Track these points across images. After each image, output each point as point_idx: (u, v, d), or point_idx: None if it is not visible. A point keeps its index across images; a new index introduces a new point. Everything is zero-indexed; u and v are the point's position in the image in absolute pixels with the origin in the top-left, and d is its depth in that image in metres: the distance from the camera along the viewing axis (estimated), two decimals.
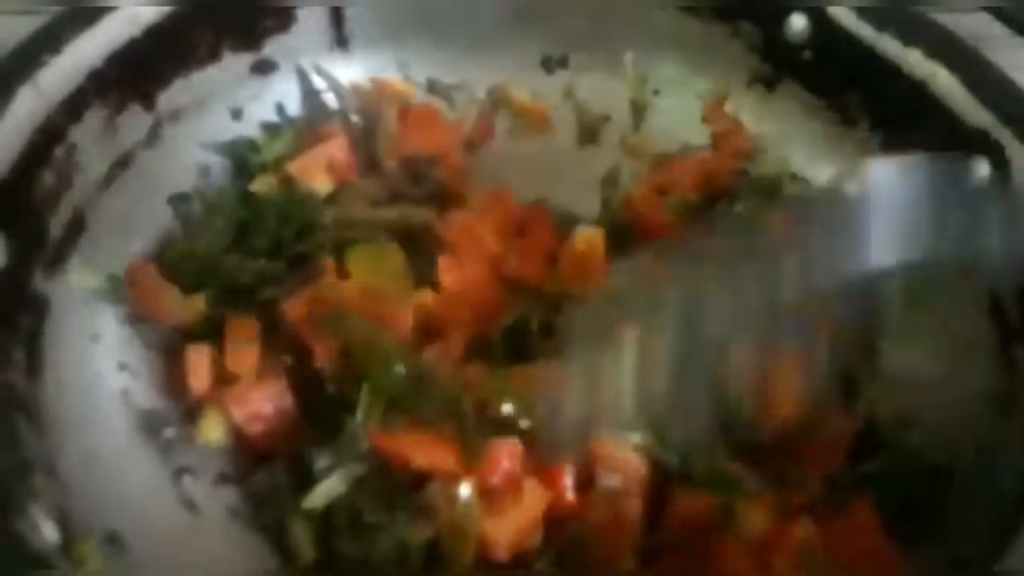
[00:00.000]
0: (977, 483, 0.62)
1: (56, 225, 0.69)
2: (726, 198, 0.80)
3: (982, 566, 0.52)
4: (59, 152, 0.69)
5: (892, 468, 0.65)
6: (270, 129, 0.84)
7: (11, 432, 0.59)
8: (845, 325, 0.67)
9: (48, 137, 0.68)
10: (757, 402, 0.56)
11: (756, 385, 0.55)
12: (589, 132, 0.90)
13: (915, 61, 0.74)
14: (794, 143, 0.85)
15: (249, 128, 0.84)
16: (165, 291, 0.71)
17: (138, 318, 0.72)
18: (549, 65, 0.91)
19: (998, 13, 0.71)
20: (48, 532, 0.54)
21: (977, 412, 0.64)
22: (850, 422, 0.66)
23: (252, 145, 0.82)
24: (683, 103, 0.89)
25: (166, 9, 0.75)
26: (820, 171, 0.82)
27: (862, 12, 0.77)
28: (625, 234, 0.78)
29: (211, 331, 0.70)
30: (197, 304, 0.71)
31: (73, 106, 0.70)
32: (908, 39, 0.74)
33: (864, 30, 0.77)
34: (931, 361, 0.66)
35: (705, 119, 0.88)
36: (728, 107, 0.88)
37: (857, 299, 0.54)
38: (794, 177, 0.82)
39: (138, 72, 0.75)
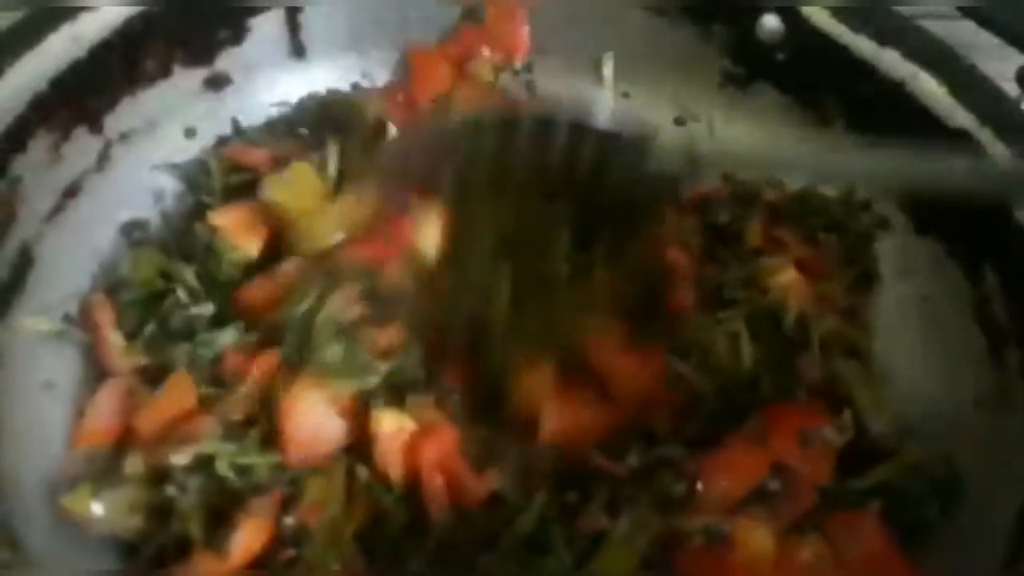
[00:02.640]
0: (979, 488, 0.61)
1: (2, 266, 0.64)
2: (706, 207, 0.78)
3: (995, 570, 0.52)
4: (3, 186, 0.64)
5: (894, 478, 0.64)
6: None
7: None
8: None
9: None
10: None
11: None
12: None
13: (892, 62, 0.73)
14: (768, 143, 0.84)
15: (204, 147, 0.79)
16: (111, 332, 0.67)
17: (93, 361, 0.67)
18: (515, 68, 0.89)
19: (975, 15, 0.70)
20: None
21: (971, 417, 0.64)
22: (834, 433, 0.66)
23: (204, 167, 0.77)
24: (654, 106, 0.87)
25: (113, 24, 0.70)
26: (795, 174, 0.82)
27: (837, 12, 0.75)
28: None
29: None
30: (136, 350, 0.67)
31: (15, 136, 0.65)
32: (884, 40, 0.73)
33: (839, 30, 0.75)
34: (923, 368, 0.66)
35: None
36: (700, 108, 0.86)
37: None
38: (769, 182, 0.81)
39: (84, 94, 0.70)
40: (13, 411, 0.63)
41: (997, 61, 0.70)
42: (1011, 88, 0.70)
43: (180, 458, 0.58)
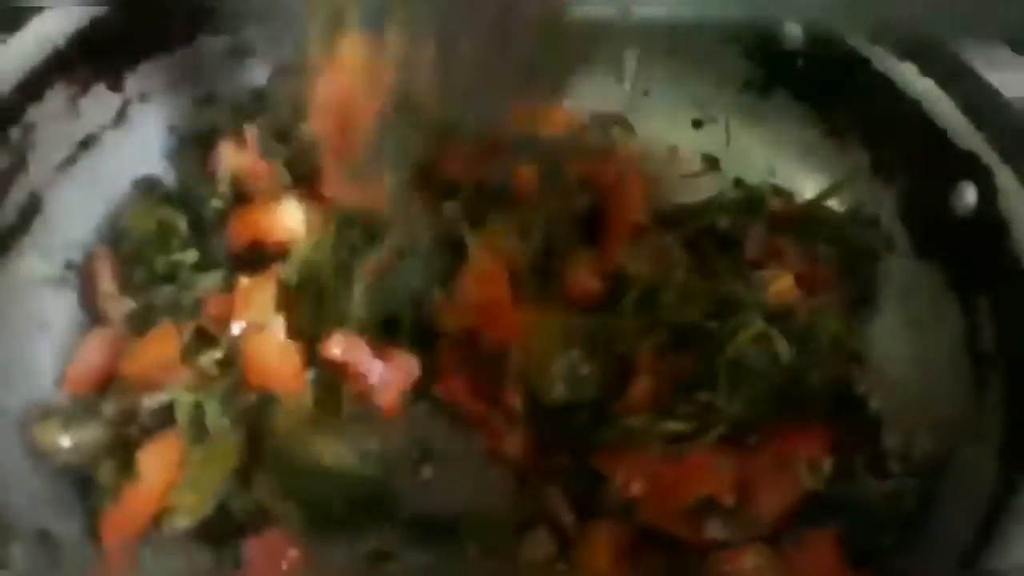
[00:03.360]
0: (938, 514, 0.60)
1: (9, 209, 0.67)
2: (706, 211, 0.77)
3: None
4: (15, 133, 0.67)
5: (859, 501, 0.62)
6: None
7: None
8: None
9: (3, 117, 0.66)
10: None
11: None
12: None
13: (909, 76, 0.71)
14: (783, 152, 0.83)
15: (222, 114, 0.81)
16: (106, 282, 0.69)
17: (89, 308, 0.70)
18: None
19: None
20: None
21: (953, 437, 0.62)
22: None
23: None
24: (673, 106, 0.86)
25: None
26: (806, 184, 0.80)
27: None
28: None
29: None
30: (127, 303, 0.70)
31: (33, 85, 0.68)
32: (902, 53, 0.71)
33: (858, 41, 0.74)
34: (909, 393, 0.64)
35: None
36: (719, 111, 0.85)
37: None
38: (777, 190, 0.79)
39: (106, 52, 0.73)
40: (7, 347, 0.65)
41: (1012, 72, 0.67)
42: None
43: (148, 403, 0.61)
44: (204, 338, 0.66)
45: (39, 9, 0.69)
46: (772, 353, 0.64)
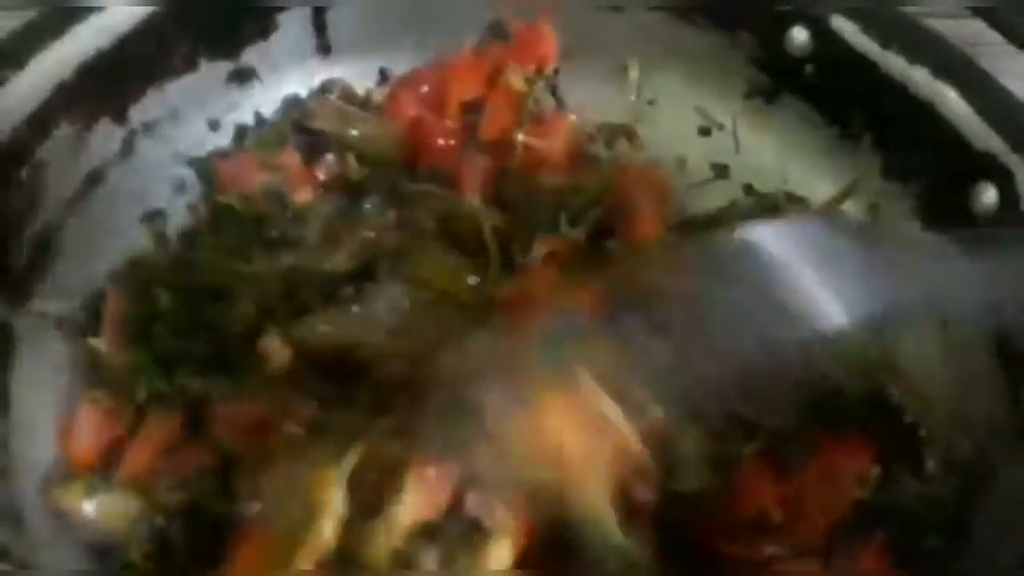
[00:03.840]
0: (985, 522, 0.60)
1: (22, 249, 0.66)
2: (721, 219, 0.77)
3: None
4: (25, 172, 0.66)
5: (900, 502, 0.63)
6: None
7: None
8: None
9: (13, 157, 0.65)
10: None
11: None
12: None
13: (921, 79, 0.71)
14: (793, 158, 0.83)
15: (227, 140, 0.80)
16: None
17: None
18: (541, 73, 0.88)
19: (990, 18, 0.68)
20: None
21: (990, 441, 0.62)
22: None
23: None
24: (679, 114, 0.86)
25: (139, 15, 0.71)
26: (818, 190, 0.80)
27: (866, 26, 0.74)
28: None
29: None
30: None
31: (40, 123, 0.67)
32: (914, 56, 0.71)
33: (868, 45, 0.74)
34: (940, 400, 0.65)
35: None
36: (725, 118, 0.85)
37: None
38: (791, 197, 0.79)
39: (109, 84, 0.71)
40: (26, 395, 0.64)
41: (1007, 58, 0.68)
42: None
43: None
44: None
45: (42, 46, 0.67)
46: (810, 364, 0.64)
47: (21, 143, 0.65)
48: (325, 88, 0.83)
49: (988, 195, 0.67)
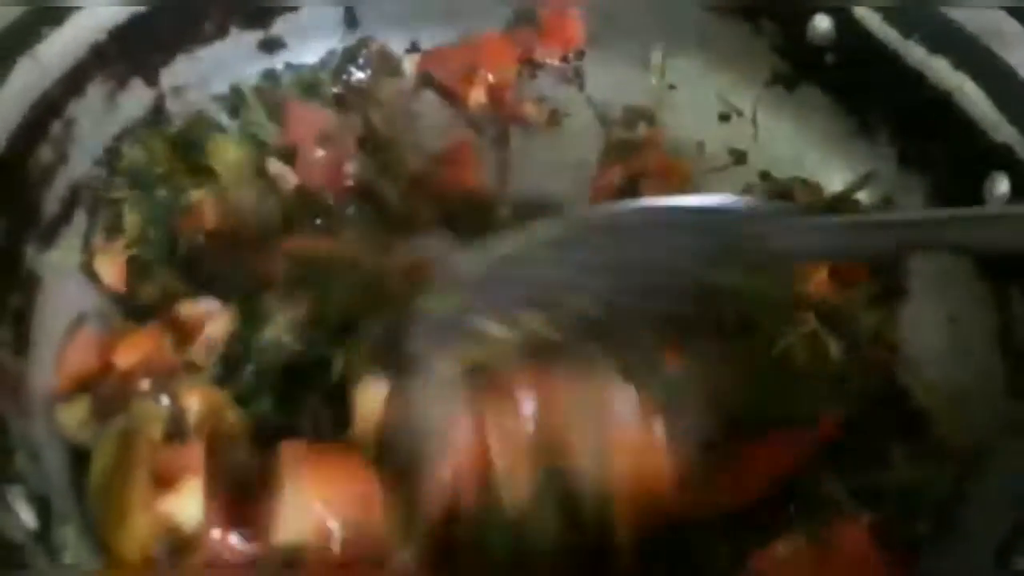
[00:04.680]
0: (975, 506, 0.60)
1: (51, 201, 0.68)
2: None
3: None
4: (57, 127, 0.68)
5: (895, 486, 0.63)
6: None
7: None
8: None
9: (46, 111, 0.67)
10: None
11: None
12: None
13: (941, 70, 0.71)
14: (810, 146, 0.83)
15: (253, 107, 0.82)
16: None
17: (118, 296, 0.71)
18: (566, 56, 0.89)
19: (1016, 12, 0.68)
20: (26, 517, 0.53)
21: (989, 430, 0.62)
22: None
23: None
24: (700, 99, 0.87)
25: None
26: (833, 177, 0.80)
27: (888, 16, 0.74)
28: None
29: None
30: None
31: (74, 80, 0.69)
32: (934, 47, 0.71)
33: (889, 35, 0.74)
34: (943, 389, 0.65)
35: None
36: (745, 105, 0.85)
37: None
38: (805, 183, 0.80)
39: (142, 46, 0.74)
40: (46, 338, 0.66)
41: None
42: None
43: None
44: None
45: (77, 9, 0.69)
46: (822, 349, 0.65)
47: (54, 97, 0.67)
48: (362, 44, 0.85)
49: (1001, 186, 0.66)
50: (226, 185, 0.74)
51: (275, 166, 0.76)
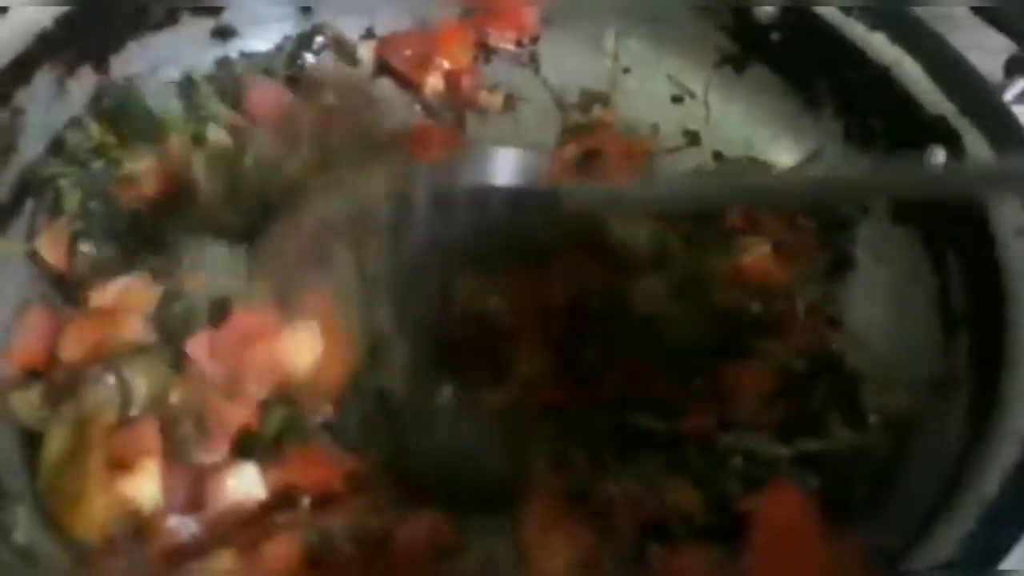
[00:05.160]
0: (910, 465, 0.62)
1: (2, 190, 0.68)
2: None
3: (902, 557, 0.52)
4: (4, 116, 0.68)
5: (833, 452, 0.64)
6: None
7: None
8: None
9: None
10: None
11: None
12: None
13: (879, 46, 0.72)
14: (761, 125, 0.84)
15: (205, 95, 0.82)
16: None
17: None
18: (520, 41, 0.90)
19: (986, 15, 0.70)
20: None
21: (922, 397, 0.64)
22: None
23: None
24: (653, 82, 0.88)
25: None
26: (783, 155, 0.82)
27: None
28: None
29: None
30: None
31: (21, 68, 0.69)
32: (874, 23, 0.73)
33: (832, 13, 0.75)
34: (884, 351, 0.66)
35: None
36: (697, 86, 0.86)
37: None
38: (754, 161, 0.81)
39: (90, 34, 0.74)
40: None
41: (972, 33, 0.69)
42: (985, 60, 0.69)
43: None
44: None
45: None
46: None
47: (1, 87, 0.68)
48: (316, 31, 0.85)
49: (938, 157, 0.68)
50: (169, 153, 0.74)
51: (216, 132, 0.76)
